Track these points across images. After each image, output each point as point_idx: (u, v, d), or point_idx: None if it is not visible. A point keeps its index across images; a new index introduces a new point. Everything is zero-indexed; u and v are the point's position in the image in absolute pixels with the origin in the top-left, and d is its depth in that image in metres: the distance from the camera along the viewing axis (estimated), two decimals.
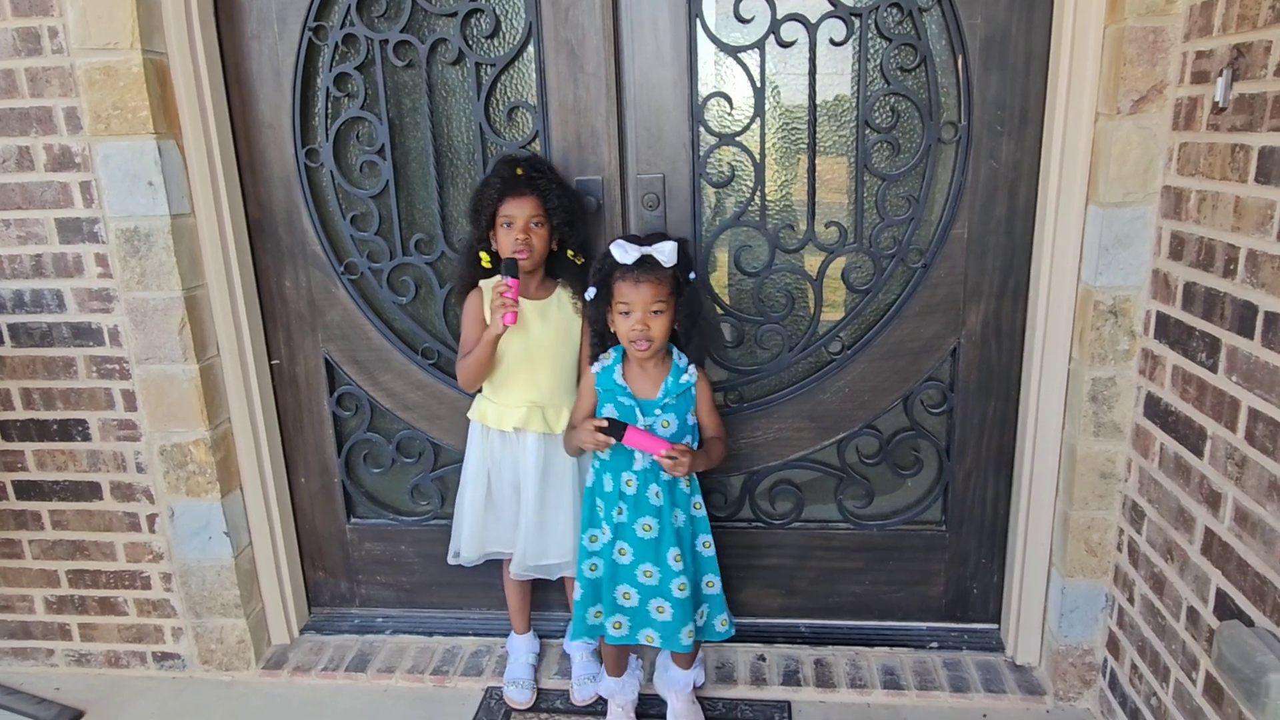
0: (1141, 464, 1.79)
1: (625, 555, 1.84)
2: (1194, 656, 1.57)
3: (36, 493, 2.19)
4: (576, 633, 1.94)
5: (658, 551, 1.82)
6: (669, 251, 1.73)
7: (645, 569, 1.83)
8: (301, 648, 2.36)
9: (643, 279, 1.72)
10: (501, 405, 1.95)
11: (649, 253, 1.73)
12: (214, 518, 2.16)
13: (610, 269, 1.76)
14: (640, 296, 1.72)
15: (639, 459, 1.81)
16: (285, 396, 2.29)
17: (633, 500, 1.83)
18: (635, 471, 1.82)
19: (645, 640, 1.87)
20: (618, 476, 1.84)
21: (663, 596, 1.83)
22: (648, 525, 1.82)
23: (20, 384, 2.11)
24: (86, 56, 1.87)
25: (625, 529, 1.83)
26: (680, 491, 1.86)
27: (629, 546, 1.84)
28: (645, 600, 1.85)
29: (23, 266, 2.03)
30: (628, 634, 1.88)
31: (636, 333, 1.73)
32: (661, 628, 1.85)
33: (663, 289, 1.74)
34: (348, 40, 2.03)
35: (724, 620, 1.95)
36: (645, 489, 1.82)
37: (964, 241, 2.01)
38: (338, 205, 2.15)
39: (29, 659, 2.35)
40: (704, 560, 1.91)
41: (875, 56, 1.94)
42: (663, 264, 1.73)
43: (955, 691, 2.08)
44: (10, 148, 1.95)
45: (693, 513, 1.89)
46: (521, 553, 1.99)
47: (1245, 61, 1.41)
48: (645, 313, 1.72)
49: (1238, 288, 1.43)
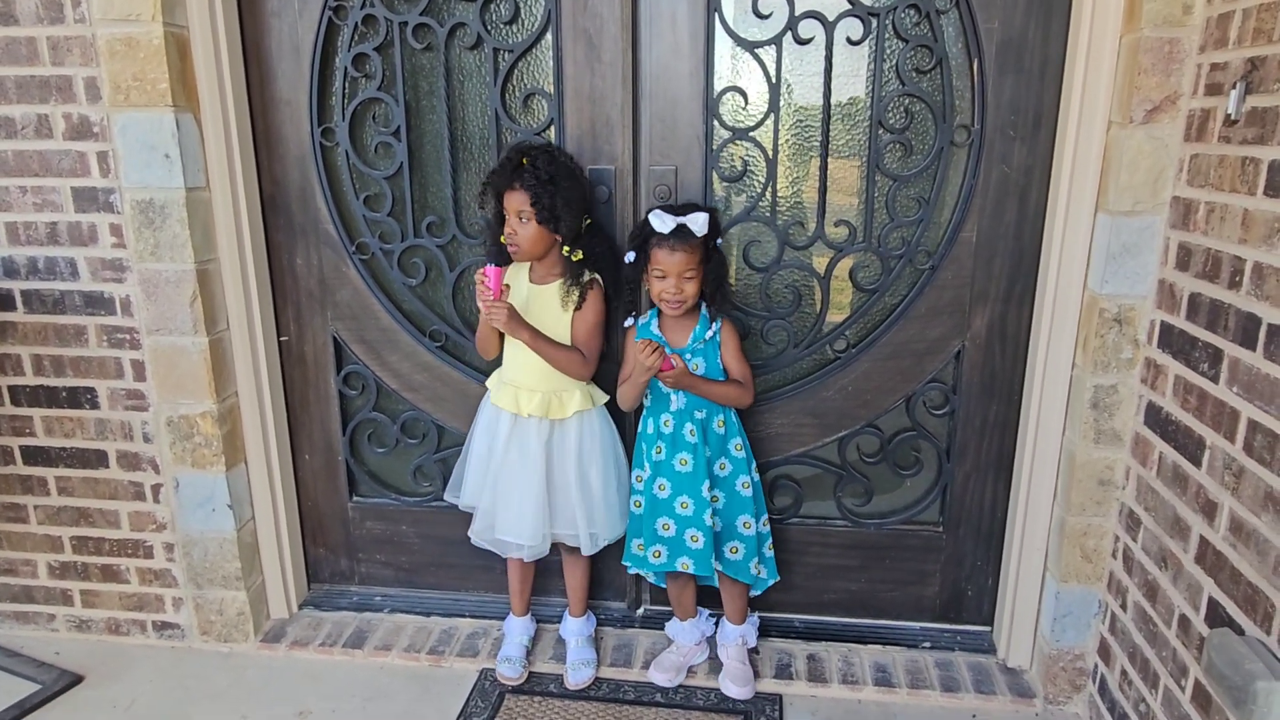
0: (1140, 472, 1.80)
1: (664, 490, 1.98)
2: (1184, 664, 1.58)
3: (44, 459, 2.22)
4: (625, 556, 2.10)
5: (693, 484, 1.95)
6: (701, 222, 1.86)
7: (682, 500, 1.96)
8: (300, 622, 2.38)
9: (678, 247, 1.85)
10: (519, 390, 2.00)
11: (684, 222, 1.85)
12: (218, 490, 2.18)
13: (647, 235, 1.89)
14: (675, 263, 1.86)
15: (674, 400, 1.97)
16: (293, 373, 2.31)
17: (669, 439, 1.98)
18: (672, 412, 1.98)
19: (681, 567, 1.98)
20: (658, 419, 2.00)
21: (696, 526, 1.96)
22: (684, 460, 1.96)
23: (31, 350, 2.13)
24: (108, 27, 1.88)
25: (664, 465, 1.98)
26: (714, 431, 2.00)
27: (667, 482, 1.98)
28: (681, 530, 1.96)
29: (38, 233, 2.05)
30: (666, 561, 1.98)
31: (670, 294, 1.89)
32: (695, 555, 1.96)
33: (695, 256, 1.87)
34: (367, 21, 2.05)
35: (756, 564, 2.05)
36: (681, 428, 1.97)
37: (972, 245, 2.02)
38: (351, 185, 2.17)
39: (30, 623, 2.37)
40: (741, 500, 2.02)
41: (891, 57, 1.95)
42: (695, 233, 1.85)
43: (946, 691, 2.10)
44: (30, 115, 1.96)
45: (732, 453, 2.02)
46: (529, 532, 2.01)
47: (1259, 75, 1.42)
48: (679, 278, 1.87)
49: (1242, 299, 1.44)
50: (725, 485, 2.01)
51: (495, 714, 2.04)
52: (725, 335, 2.00)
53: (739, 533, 2.02)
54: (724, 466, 2.01)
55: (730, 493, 2.02)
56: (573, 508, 2.02)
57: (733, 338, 2.00)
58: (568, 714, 2.04)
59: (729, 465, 2.02)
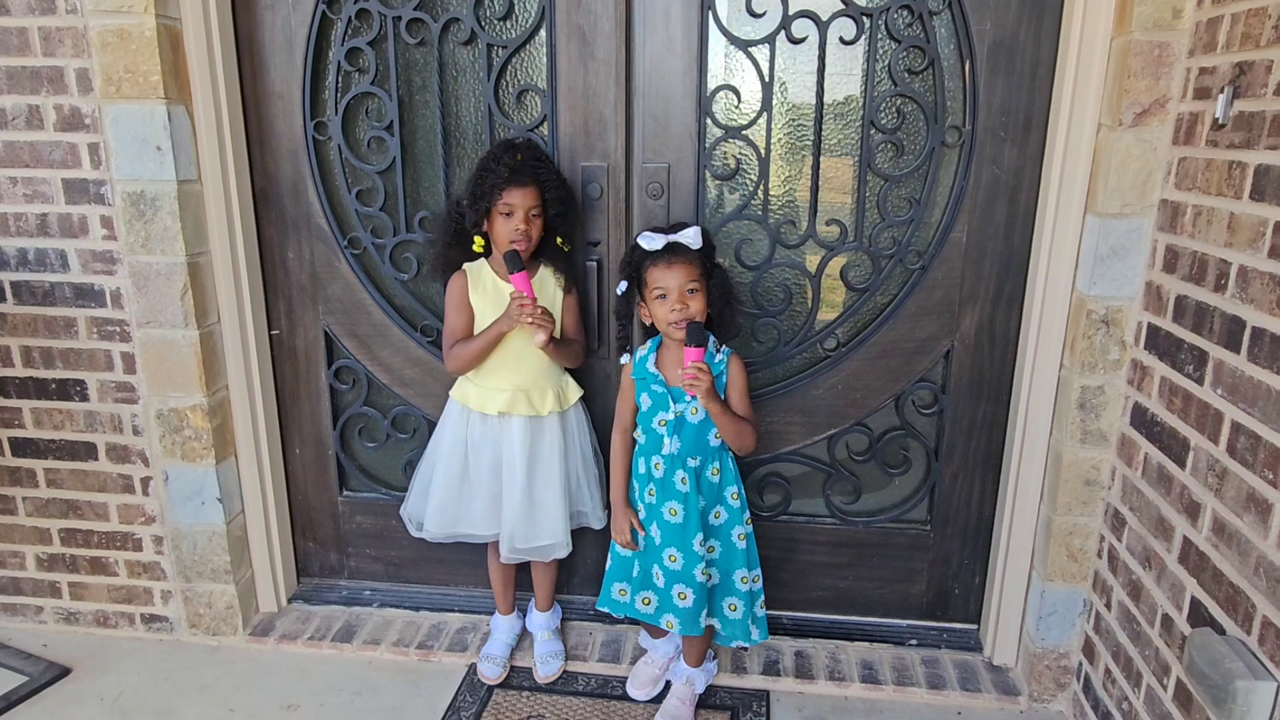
0: (1125, 472, 1.82)
1: (658, 536, 1.89)
2: (1166, 663, 1.60)
3: (32, 450, 2.21)
4: (602, 601, 2.01)
5: (683, 537, 1.85)
6: (694, 235, 1.80)
7: (670, 553, 1.86)
8: (289, 616, 2.38)
9: (675, 261, 1.77)
10: (485, 389, 1.96)
11: (674, 239, 1.80)
12: (208, 483, 2.18)
13: (639, 259, 1.82)
14: (675, 278, 1.77)
15: (667, 443, 1.85)
16: (283, 367, 2.31)
17: (660, 484, 1.88)
18: (663, 456, 1.87)
19: (665, 625, 1.90)
20: (649, 460, 1.90)
21: (684, 582, 1.86)
22: (673, 510, 1.86)
23: (21, 341, 2.13)
24: (100, 18, 1.87)
25: (655, 510, 1.89)
26: (708, 479, 1.88)
27: (660, 528, 1.89)
28: (670, 584, 1.88)
29: (28, 225, 2.04)
30: (653, 613, 1.91)
31: (676, 313, 1.77)
32: (681, 614, 1.87)
33: (695, 269, 1.79)
34: (361, 15, 2.04)
35: (754, 630, 1.94)
36: (672, 474, 1.87)
37: (962, 245, 2.03)
38: (344, 179, 2.17)
39: (18, 615, 2.37)
40: (737, 552, 1.91)
41: (884, 57, 1.96)
42: (690, 246, 1.79)
43: (932, 688, 2.11)
44: (20, 106, 1.96)
45: (728, 502, 1.91)
46: (510, 535, 2.00)
47: (1247, 79, 1.43)
48: (681, 293, 1.77)
49: (1227, 302, 1.46)
50: (721, 535, 1.90)
51: (483, 709, 2.05)
52: (733, 372, 1.86)
53: (737, 588, 1.91)
54: (719, 515, 1.90)
55: (726, 544, 1.91)
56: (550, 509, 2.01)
57: (741, 375, 1.87)
58: (556, 709, 2.05)
59: (724, 514, 1.90)
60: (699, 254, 1.80)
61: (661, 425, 1.86)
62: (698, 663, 2.05)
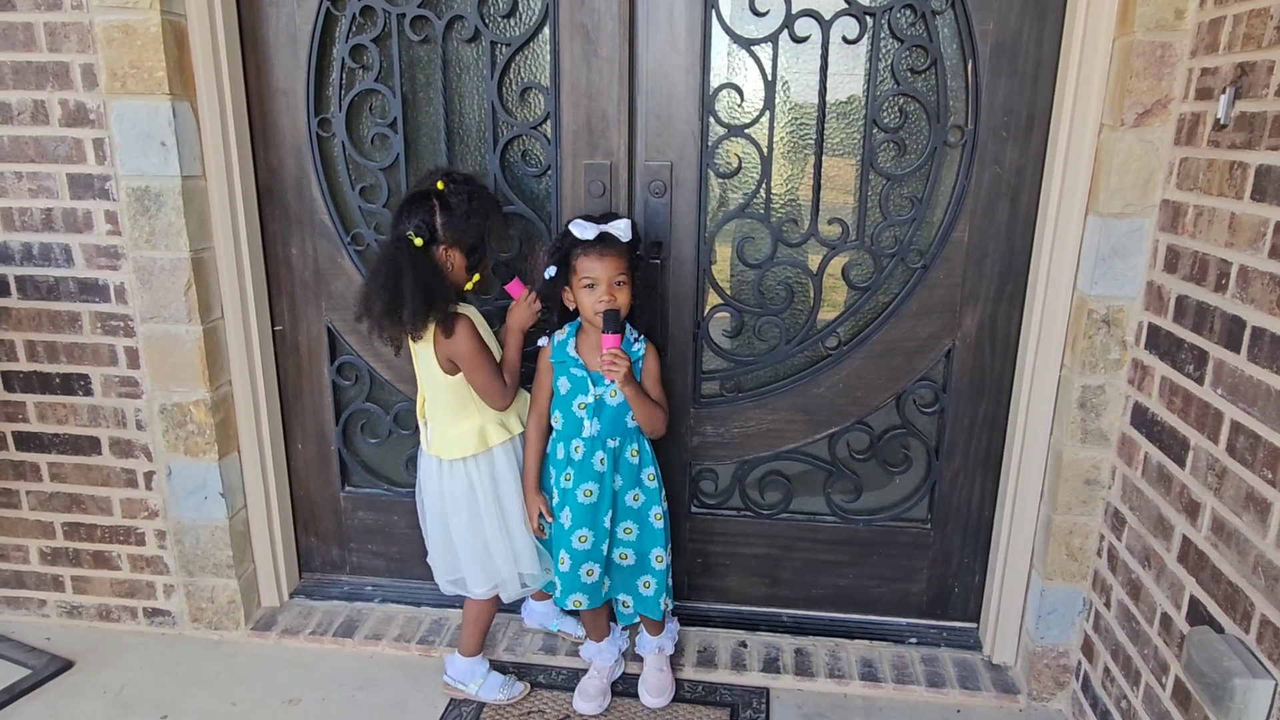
0: (1125, 472, 1.82)
1: (567, 520, 1.91)
2: (1165, 661, 1.60)
3: (36, 445, 2.22)
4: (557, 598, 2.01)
5: (594, 517, 1.89)
6: (624, 228, 1.82)
7: (580, 534, 1.90)
8: (291, 611, 2.39)
9: (606, 253, 1.79)
10: (518, 405, 1.97)
11: (606, 229, 1.81)
12: (210, 478, 2.19)
13: (570, 246, 1.82)
14: (605, 269, 1.79)
15: (587, 425, 1.88)
16: (286, 363, 2.32)
17: (578, 465, 1.90)
18: (584, 439, 1.89)
19: (573, 605, 1.94)
20: (568, 444, 1.91)
21: (593, 560, 1.90)
22: (588, 491, 1.89)
23: (25, 336, 2.13)
24: (105, 14, 1.88)
25: (569, 494, 1.90)
26: (627, 460, 1.91)
27: (570, 512, 1.90)
28: (577, 565, 1.91)
29: (33, 219, 2.05)
30: (560, 596, 1.95)
31: (603, 304, 1.79)
32: (589, 590, 1.92)
33: (623, 262, 1.81)
34: (365, 12, 2.05)
35: (666, 602, 2.01)
36: (591, 455, 1.89)
37: (964, 244, 2.04)
38: (347, 176, 2.17)
39: (21, 608, 2.38)
40: (654, 531, 1.96)
41: (887, 57, 1.96)
42: (620, 238, 1.81)
43: (931, 686, 2.12)
44: (26, 101, 1.96)
45: (645, 484, 1.95)
46: None
47: (1248, 80, 1.43)
48: (610, 284, 1.79)
49: (1228, 302, 1.46)
50: (638, 516, 1.95)
51: (484, 706, 2.06)
52: (648, 359, 1.91)
53: (651, 567, 1.97)
54: (637, 498, 1.94)
55: (644, 525, 1.96)
56: None
57: (654, 361, 1.92)
58: (555, 706, 2.05)
59: (642, 496, 1.94)
60: (628, 247, 1.83)
61: (581, 408, 1.89)
62: (659, 630, 2.09)
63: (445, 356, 1.83)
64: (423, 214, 1.79)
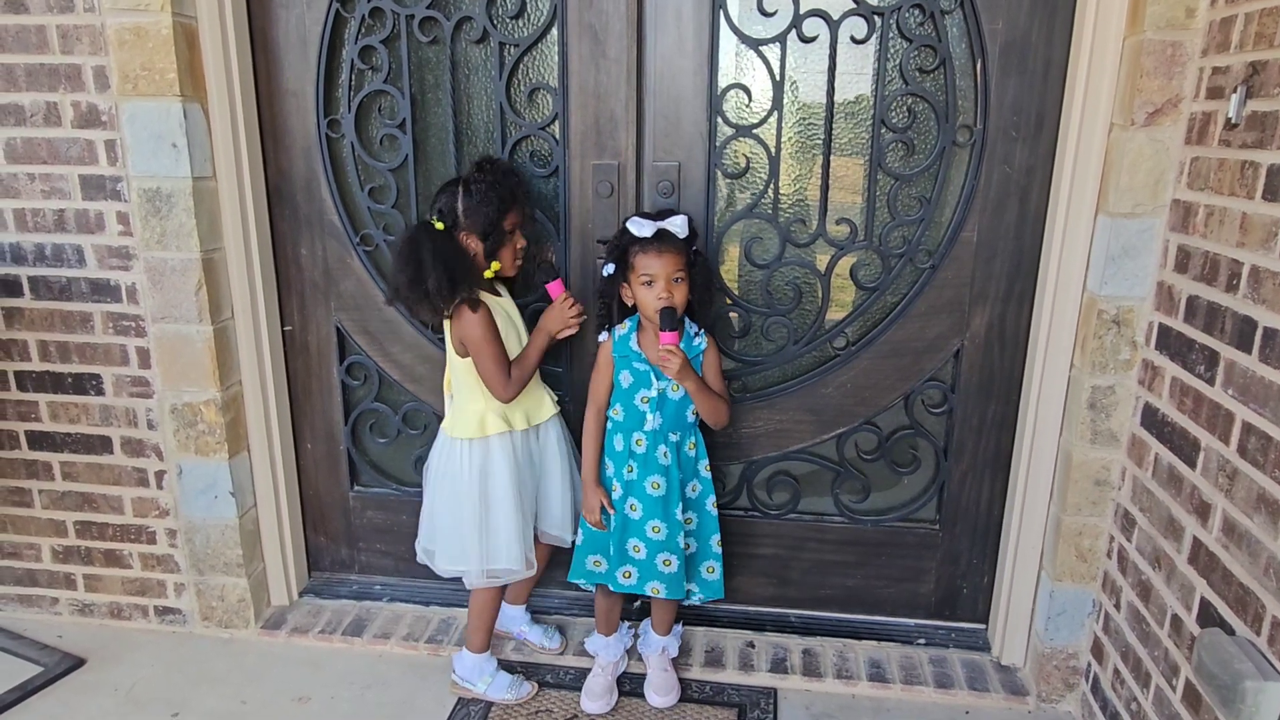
0: (1135, 473, 1.82)
1: (636, 511, 1.93)
2: (1175, 663, 1.59)
3: (49, 444, 2.24)
4: (574, 574, 2.04)
5: (666, 509, 1.92)
6: (681, 224, 1.84)
7: (654, 525, 1.92)
8: (300, 610, 2.40)
9: (664, 250, 1.82)
10: (530, 399, 1.98)
11: (663, 226, 1.83)
12: (221, 477, 2.20)
13: (628, 244, 1.85)
14: (663, 266, 1.81)
15: (650, 419, 1.91)
16: (296, 362, 2.33)
17: (642, 459, 1.93)
18: (645, 432, 1.92)
19: (651, 591, 1.96)
20: (629, 437, 1.94)
21: (669, 550, 1.93)
22: (656, 483, 1.92)
23: (38, 336, 2.15)
24: (117, 16, 1.90)
25: (635, 486, 1.93)
26: (686, 454, 1.96)
27: (639, 503, 1.93)
28: (653, 554, 1.94)
29: (45, 221, 2.06)
30: (636, 584, 1.96)
31: (662, 301, 1.81)
32: (667, 579, 1.94)
33: (681, 259, 1.84)
34: (374, 13, 2.06)
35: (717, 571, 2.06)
36: (654, 449, 1.92)
37: (973, 244, 2.03)
38: (356, 176, 2.18)
39: (34, 606, 2.40)
40: (711, 519, 2.02)
41: (895, 56, 1.96)
42: (676, 234, 1.84)
43: (940, 688, 2.11)
44: (39, 103, 1.98)
45: (702, 475, 2.00)
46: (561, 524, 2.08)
47: (1260, 79, 1.43)
48: (668, 281, 1.82)
49: (1239, 303, 1.45)
50: (697, 507, 2.00)
51: (492, 706, 2.06)
52: (709, 353, 1.94)
53: (713, 552, 2.03)
54: (695, 488, 1.99)
55: (703, 513, 2.01)
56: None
57: (715, 356, 1.96)
58: (563, 705, 2.06)
59: (700, 487, 2.00)
60: (685, 243, 1.85)
61: (644, 402, 1.91)
62: (668, 630, 2.12)
63: (458, 338, 1.89)
64: (448, 199, 1.87)
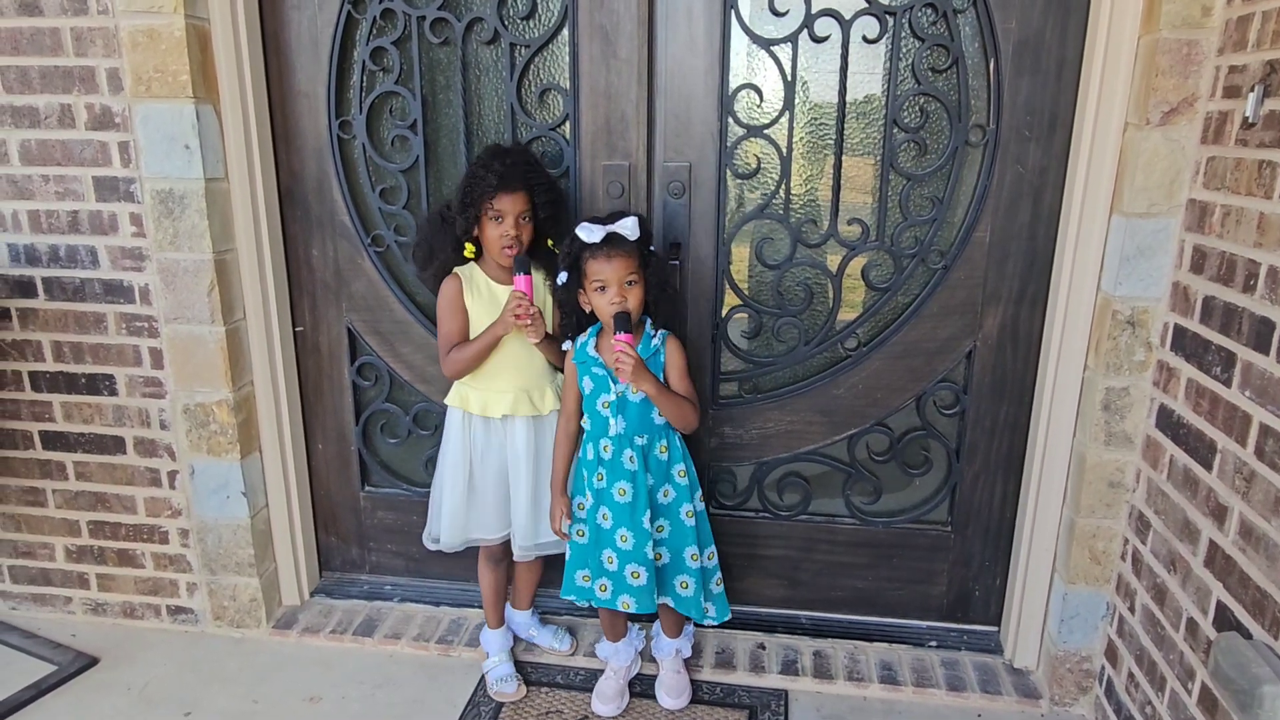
0: (1150, 475, 1.80)
1: (607, 520, 1.90)
2: (1191, 667, 1.58)
3: (62, 444, 2.25)
4: (566, 591, 2.00)
5: (632, 516, 1.87)
6: (631, 226, 1.80)
7: (621, 533, 1.88)
8: (311, 609, 2.41)
9: (614, 254, 1.78)
10: (487, 392, 1.96)
11: (614, 229, 1.79)
12: (233, 478, 2.21)
13: (579, 250, 1.81)
14: (614, 271, 1.78)
15: (613, 424, 1.87)
16: (307, 363, 2.33)
17: (609, 465, 1.88)
18: (610, 437, 1.88)
19: (622, 606, 1.91)
20: (597, 444, 1.90)
21: (637, 561, 1.88)
22: (622, 490, 1.87)
23: (51, 337, 2.16)
24: (130, 19, 1.90)
25: (605, 494, 1.89)
26: (656, 458, 1.90)
27: (610, 511, 1.89)
28: (623, 565, 1.89)
29: (59, 222, 2.08)
30: (610, 598, 1.93)
31: (616, 305, 1.78)
32: (636, 592, 1.89)
33: (632, 261, 1.80)
34: (386, 15, 2.06)
35: (706, 603, 1.97)
36: (620, 454, 1.87)
37: (986, 245, 2.02)
38: (368, 178, 2.18)
39: (47, 605, 2.41)
40: (686, 529, 1.93)
41: (907, 56, 1.95)
42: (628, 238, 1.80)
43: (952, 690, 2.10)
44: (53, 105, 1.99)
45: (676, 480, 1.92)
46: (520, 535, 2.02)
47: (1278, 78, 1.41)
48: (620, 285, 1.78)
49: (1256, 303, 1.44)
50: (669, 513, 1.92)
51: (502, 705, 2.06)
52: (671, 352, 1.88)
53: (687, 566, 1.93)
54: (667, 494, 1.91)
55: (675, 521, 1.93)
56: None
57: (679, 355, 1.88)
58: (574, 705, 2.06)
59: (672, 492, 1.92)
60: (637, 245, 1.81)
61: (605, 407, 1.88)
62: (677, 633, 2.08)
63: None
64: None
